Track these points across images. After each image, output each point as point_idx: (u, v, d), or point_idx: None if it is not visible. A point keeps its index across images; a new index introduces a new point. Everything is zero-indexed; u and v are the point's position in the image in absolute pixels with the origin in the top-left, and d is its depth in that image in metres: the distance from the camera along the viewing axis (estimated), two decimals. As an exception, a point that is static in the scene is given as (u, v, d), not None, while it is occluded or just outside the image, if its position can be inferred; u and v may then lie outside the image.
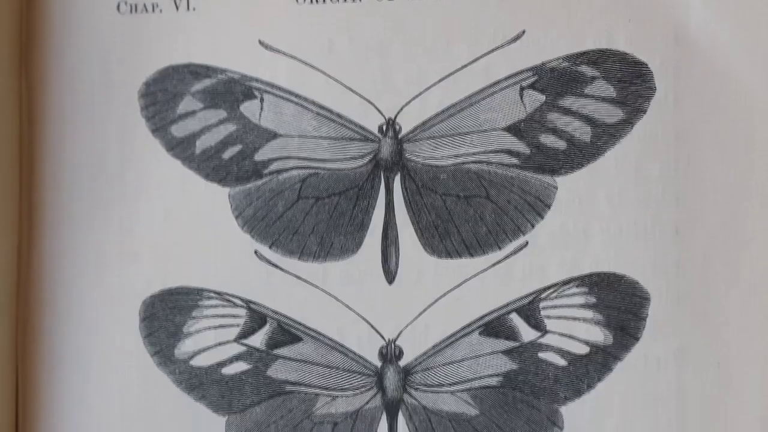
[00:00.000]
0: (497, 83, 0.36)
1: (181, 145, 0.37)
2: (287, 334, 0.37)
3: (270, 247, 0.37)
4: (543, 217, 0.36)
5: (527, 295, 0.36)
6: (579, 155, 0.36)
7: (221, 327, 0.37)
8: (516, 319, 0.36)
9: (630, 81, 0.36)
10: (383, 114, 0.37)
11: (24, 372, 0.38)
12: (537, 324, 0.36)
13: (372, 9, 0.36)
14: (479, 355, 0.36)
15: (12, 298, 0.38)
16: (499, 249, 0.36)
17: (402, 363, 0.37)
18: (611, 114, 0.36)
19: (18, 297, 0.38)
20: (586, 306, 0.36)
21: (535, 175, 0.36)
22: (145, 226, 0.37)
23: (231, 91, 0.37)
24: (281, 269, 0.37)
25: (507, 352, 0.36)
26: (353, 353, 0.37)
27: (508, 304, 0.36)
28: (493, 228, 0.36)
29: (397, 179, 0.37)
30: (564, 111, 0.36)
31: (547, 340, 0.36)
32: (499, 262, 0.36)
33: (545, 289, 0.36)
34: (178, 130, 0.37)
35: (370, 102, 0.37)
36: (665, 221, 0.36)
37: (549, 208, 0.36)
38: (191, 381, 0.37)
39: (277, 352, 0.37)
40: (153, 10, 0.37)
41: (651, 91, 0.36)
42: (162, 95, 0.37)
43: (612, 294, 0.36)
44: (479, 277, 0.36)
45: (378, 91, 0.36)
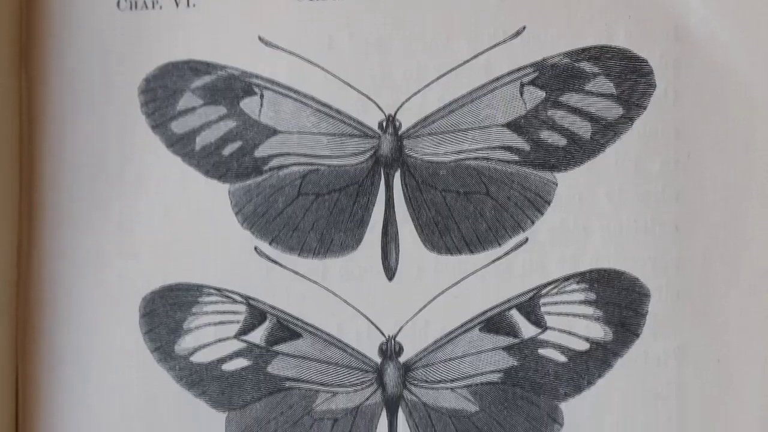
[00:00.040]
0: (497, 79, 0.36)
1: (181, 142, 0.37)
2: (287, 330, 0.37)
3: (270, 244, 0.37)
4: (543, 214, 0.36)
5: (527, 292, 0.36)
6: (579, 152, 0.36)
7: (221, 323, 0.37)
8: (516, 316, 0.36)
9: (630, 77, 0.36)
10: (383, 110, 0.37)
11: (24, 369, 0.38)
12: (537, 320, 0.36)
13: (372, 5, 0.36)
14: (479, 352, 0.36)
15: (12, 295, 0.38)
16: (499, 245, 0.36)
17: (402, 359, 0.37)
18: (611, 110, 0.36)
19: (18, 294, 0.38)
20: (586, 302, 0.36)
21: (535, 172, 0.36)
22: (145, 222, 0.37)
23: (231, 88, 0.37)
24: (281, 266, 0.37)
25: (507, 348, 0.36)
26: (353, 349, 0.37)
27: (508, 300, 0.36)
28: (493, 224, 0.36)
29: (397, 176, 0.37)
30: (564, 107, 0.36)
31: (548, 336, 0.36)
32: (499, 258, 0.36)
33: (545, 286, 0.36)
34: (178, 126, 0.37)
35: (370, 98, 0.37)
36: (665, 218, 0.36)
37: (549, 204, 0.36)
38: (191, 377, 0.37)
39: (277, 348, 0.37)
40: (153, 6, 0.37)
41: (651, 88, 0.36)
42: (162, 92, 0.37)
43: (612, 290, 0.36)
44: (479, 274, 0.36)
45: (378, 88, 0.36)
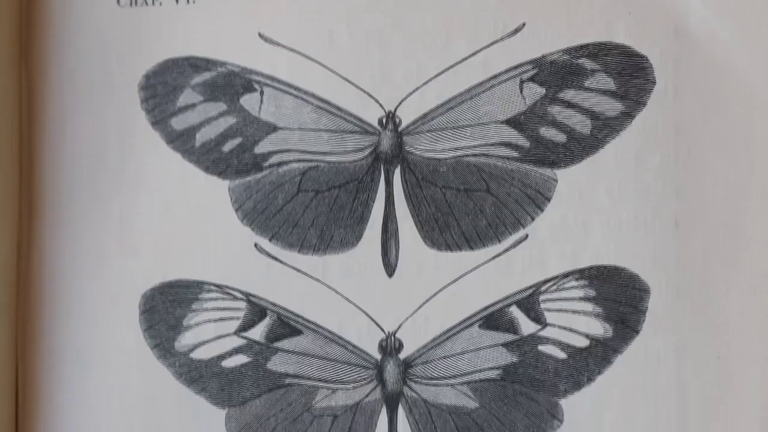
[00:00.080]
0: (497, 76, 0.36)
1: (181, 138, 0.37)
2: (287, 327, 0.37)
3: (270, 240, 0.37)
4: (543, 210, 0.36)
5: (527, 288, 0.36)
6: (579, 148, 0.36)
7: (221, 320, 0.37)
8: (516, 312, 0.36)
9: (630, 74, 0.36)
10: (383, 107, 0.37)
11: (24, 365, 0.38)
12: (537, 317, 0.36)
13: (372, 1, 0.36)
14: (479, 348, 0.36)
15: (12, 292, 0.38)
16: (499, 242, 0.36)
17: (402, 356, 0.37)
18: (611, 107, 0.36)
19: (18, 291, 0.38)
20: (585, 299, 0.36)
21: (535, 168, 0.36)
22: (145, 219, 0.37)
23: (231, 84, 0.37)
24: (281, 262, 0.37)
25: (507, 344, 0.36)
26: (353, 346, 0.37)
27: (508, 296, 0.36)
28: (493, 221, 0.36)
29: (397, 172, 0.37)
30: (564, 104, 0.36)
31: (547, 332, 0.36)
32: (499, 255, 0.36)
33: (545, 282, 0.36)
34: (177, 122, 0.37)
35: (370, 95, 0.36)
36: (665, 214, 0.36)
37: (549, 201, 0.36)
38: (191, 374, 0.37)
39: (277, 345, 0.37)
40: (153, 2, 0.37)
41: (651, 84, 0.36)
42: (162, 88, 0.37)
43: (612, 287, 0.36)
44: (479, 270, 0.36)
45: (378, 84, 0.36)
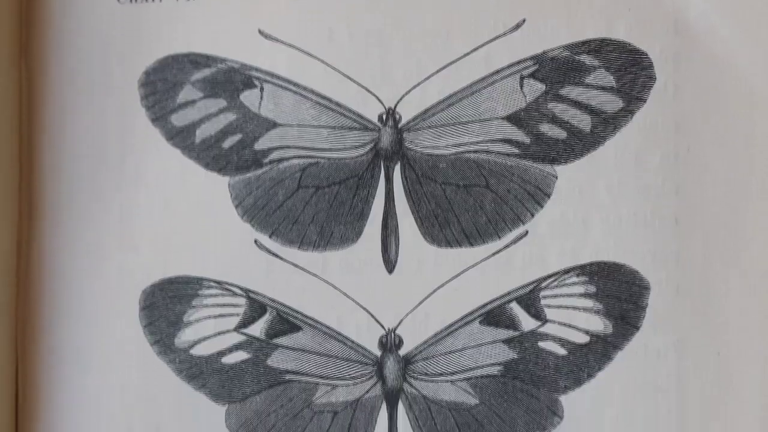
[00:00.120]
0: (497, 72, 0.36)
1: (181, 135, 0.37)
2: (287, 323, 0.37)
3: (270, 237, 0.37)
4: (543, 207, 0.36)
5: (527, 285, 0.36)
6: (579, 144, 0.36)
7: (221, 316, 0.37)
8: (516, 309, 0.36)
9: (630, 70, 0.36)
10: (383, 103, 0.37)
11: (24, 361, 0.38)
12: (537, 313, 0.36)
13: (372, 1, 0.36)
14: (479, 345, 0.36)
15: (12, 290, 0.38)
16: (499, 238, 0.36)
17: (402, 352, 0.37)
18: (611, 103, 0.36)
19: (18, 287, 0.38)
20: (586, 295, 0.36)
21: (535, 165, 0.36)
22: (145, 215, 0.37)
23: (231, 81, 0.37)
24: (281, 258, 0.37)
25: (507, 341, 0.36)
26: (353, 342, 0.37)
27: (508, 293, 0.36)
28: (493, 217, 0.36)
29: (397, 168, 0.37)
30: (564, 100, 0.36)
31: (547, 329, 0.36)
32: (499, 251, 0.36)
33: (545, 279, 0.36)
34: (177, 119, 0.37)
35: (369, 91, 0.36)
36: (665, 211, 0.36)
37: (549, 197, 0.36)
38: (191, 370, 0.37)
39: (277, 341, 0.37)
40: (153, -1, 0.37)
41: (651, 81, 0.36)
42: (162, 84, 0.37)
43: (612, 283, 0.36)
44: (479, 267, 0.36)
45: (378, 81, 0.36)
